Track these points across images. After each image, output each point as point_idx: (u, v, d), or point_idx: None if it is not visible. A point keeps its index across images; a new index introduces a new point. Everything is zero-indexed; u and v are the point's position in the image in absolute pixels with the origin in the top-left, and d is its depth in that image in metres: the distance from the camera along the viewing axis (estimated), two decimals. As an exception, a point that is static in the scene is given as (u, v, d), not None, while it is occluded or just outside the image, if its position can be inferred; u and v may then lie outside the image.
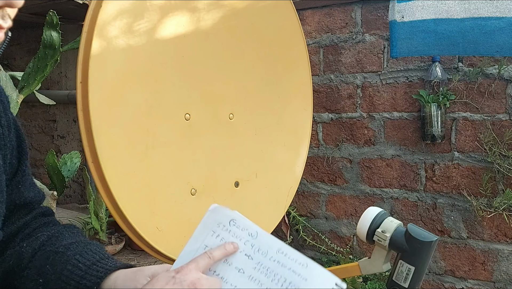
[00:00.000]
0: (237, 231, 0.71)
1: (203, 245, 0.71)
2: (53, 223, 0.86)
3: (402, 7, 1.49)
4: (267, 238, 0.71)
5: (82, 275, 0.72)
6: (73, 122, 2.63)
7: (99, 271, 0.72)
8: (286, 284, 0.66)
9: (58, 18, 1.36)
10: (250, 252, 0.70)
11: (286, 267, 0.68)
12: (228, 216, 0.73)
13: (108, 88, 1.00)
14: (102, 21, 0.98)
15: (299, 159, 1.55)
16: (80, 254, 0.74)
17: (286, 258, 0.69)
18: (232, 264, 0.69)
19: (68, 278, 0.72)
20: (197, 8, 1.20)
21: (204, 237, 0.72)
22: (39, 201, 0.86)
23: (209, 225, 0.72)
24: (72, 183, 2.61)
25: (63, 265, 0.73)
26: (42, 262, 0.75)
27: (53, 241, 0.79)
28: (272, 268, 0.68)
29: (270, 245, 0.70)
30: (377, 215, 0.93)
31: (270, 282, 0.67)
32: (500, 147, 1.62)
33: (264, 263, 0.69)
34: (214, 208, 0.74)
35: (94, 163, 0.98)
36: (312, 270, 0.67)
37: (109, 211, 1.03)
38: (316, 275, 0.67)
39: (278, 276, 0.67)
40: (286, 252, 0.69)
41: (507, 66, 1.62)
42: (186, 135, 1.18)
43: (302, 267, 0.67)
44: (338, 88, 1.94)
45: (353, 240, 1.96)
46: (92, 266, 0.73)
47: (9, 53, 2.84)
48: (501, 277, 1.68)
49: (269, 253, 0.69)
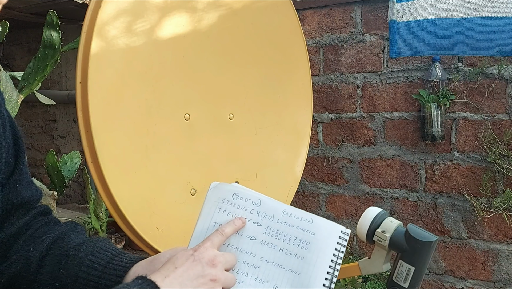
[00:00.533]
0: (242, 203, 0.75)
1: (213, 222, 0.75)
2: (54, 222, 0.86)
3: (402, 7, 1.49)
4: (271, 202, 0.76)
5: (100, 275, 0.73)
6: (73, 122, 2.63)
7: (116, 270, 0.74)
8: (298, 242, 0.72)
9: (58, 18, 1.36)
10: (257, 219, 0.74)
11: (294, 226, 0.73)
12: (230, 190, 0.77)
13: (107, 88, 1.00)
14: (102, 21, 0.98)
15: (299, 159, 1.55)
16: (92, 254, 0.75)
17: (292, 218, 0.74)
18: (244, 233, 0.74)
19: (85, 280, 0.73)
20: (197, 8, 1.20)
21: (212, 215, 0.75)
22: (37, 199, 0.85)
23: (214, 203, 0.76)
24: (72, 183, 2.61)
25: (78, 267, 0.74)
26: (54, 267, 0.75)
27: (60, 244, 0.78)
28: (281, 229, 0.73)
29: (275, 209, 0.75)
30: (377, 215, 0.93)
31: (282, 242, 0.73)
32: (500, 147, 1.62)
33: (272, 227, 0.74)
34: (215, 186, 0.78)
35: (94, 163, 0.98)
36: (318, 224, 0.74)
37: (109, 211, 1.03)
38: (322, 228, 0.73)
39: (288, 236, 0.73)
40: (291, 212, 0.74)
41: (507, 66, 1.61)
42: (186, 135, 1.18)
43: (308, 223, 0.73)
44: (338, 88, 1.94)
45: (353, 240, 1.96)
46: (108, 265, 0.74)
47: (9, 53, 2.84)
48: (501, 277, 1.68)
49: (275, 216, 0.74)
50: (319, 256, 0.72)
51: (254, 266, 0.72)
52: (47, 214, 0.87)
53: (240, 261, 0.72)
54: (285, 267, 0.72)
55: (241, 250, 0.73)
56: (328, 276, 0.71)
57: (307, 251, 0.72)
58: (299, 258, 0.72)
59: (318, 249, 0.72)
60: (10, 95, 1.34)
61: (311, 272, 0.71)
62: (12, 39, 2.69)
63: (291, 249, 0.72)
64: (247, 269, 0.72)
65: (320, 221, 0.74)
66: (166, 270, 0.66)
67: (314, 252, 0.72)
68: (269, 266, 0.72)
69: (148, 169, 1.08)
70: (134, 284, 0.63)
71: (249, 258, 0.72)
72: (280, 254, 0.72)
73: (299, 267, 0.71)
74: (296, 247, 0.72)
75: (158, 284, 0.63)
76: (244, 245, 0.73)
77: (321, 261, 0.71)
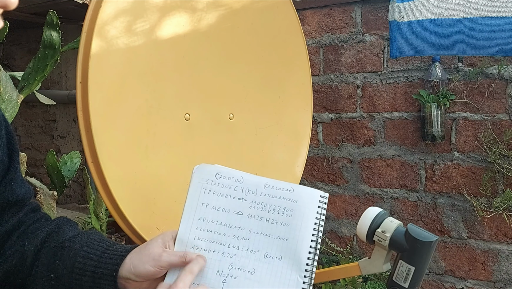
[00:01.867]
0: (225, 181, 0.80)
1: (200, 203, 0.79)
2: (45, 218, 0.87)
3: (402, 7, 1.49)
4: (253, 178, 0.81)
5: (96, 264, 0.74)
6: (73, 122, 2.63)
7: (112, 258, 0.75)
8: (282, 210, 0.78)
9: (58, 18, 1.36)
10: (242, 195, 0.79)
11: (277, 196, 0.79)
12: (213, 171, 0.81)
13: (108, 88, 1.00)
14: (102, 21, 0.98)
15: (299, 159, 1.55)
16: (87, 245, 0.77)
17: (274, 190, 0.79)
18: (230, 210, 0.78)
19: (82, 270, 0.74)
20: (197, 8, 1.20)
21: (198, 196, 0.79)
22: (29, 197, 0.86)
23: (199, 184, 0.80)
24: (72, 183, 2.61)
25: (74, 258, 0.75)
26: (50, 259, 0.76)
27: (54, 237, 0.80)
28: (266, 201, 0.79)
29: (257, 183, 0.80)
30: (377, 215, 0.93)
31: (267, 213, 0.78)
32: (500, 147, 1.62)
33: (257, 200, 0.79)
34: (197, 168, 0.81)
35: (94, 163, 0.98)
36: (299, 192, 0.79)
37: (109, 211, 1.03)
38: (303, 195, 0.79)
39: (272, 207, 0.78)
40: (272, 184, 0.80)
41: (507, 66, 1.62)
42: (186, 135, 1.18)
43: (290, 192, 0.79)
44: (338, 88, 1.94)
45: (353, 240, 1.96)
46: (103, 255, 0.75)
47: (9, 53, 2.84)
48: (501, 277, 1.68)
49: (258, 190, 0.79)
50: (303, 221, 0.77)
51: (244, 239, 0.77)
52: (38, 211, 0.89)
53: (230, 236, 0.77)
54: (273, 236, 0.77)
55: (229, 226, 0.77)
56: (313, 238, 0.77)
57: (291, 218, 0.77)
58: (285, 225, 0.77)
59: (301, 215, 0.77)
60: (10, 95, 1.34)
61: (298, 236, 0.76)
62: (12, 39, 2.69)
63: (276, 218, 0.77)
64: (238, 243, 0.77)
65: (300, 189, 0.80)
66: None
67: (298, 217, 0.77)
68: (258, 237, 0.77)
69: (148, 169, 1.08)
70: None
71: (238, 232, 0.77)
72: (267, 224, 0.77)
73: (286, 233, 0.77)
74: (281, 216, 0.77)
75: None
76: (232, 221, 0.78)
77: (305, 225, 0.77)
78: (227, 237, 0.77)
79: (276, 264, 0.75)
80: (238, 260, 0.76)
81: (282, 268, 0.75)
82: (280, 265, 0.75)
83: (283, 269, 0.75)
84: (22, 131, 2.84)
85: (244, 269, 0.75)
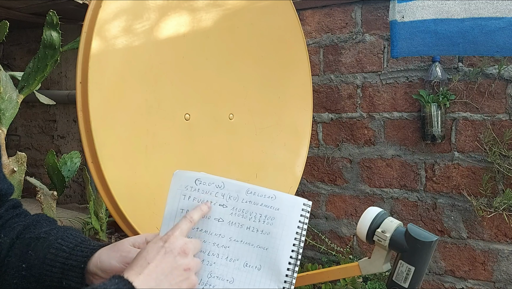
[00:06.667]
0: (205, 187, 0.78)
1: (179, 209, 0.78)
2: (24, 214, 0.88)
3: (403, 7, 1.49)
4: (234, 184, 0.79)
5: (67, 256, 0.75)
6: (73, 122, 2.63)
7: (83, 251, 0.76)
8: (263, 218, 0.76)
9: (58, 18, 1.36)
10: (223, 201, 0.78)
11: (258, 204, 0.77)
12: (192, 177, 0.80)
13: (108, 88, 1.00)
14: (102, 21, 0.98)
15: (299, 159, 1.55)
16: (62, 238, 0.78)
17: (255, 196, 0.77)
18: (211, 217, 0.77)
19: (53, 261, 0.75)
20: (197, 8, 1.20)
21: (178, 202, 0.78)
22: (11, 193, 0.87)
23: (178, 190, 0.79)
24: (72, 183, 2.61)
25: (46, 249, 0.76)
26: (23, 249, 0.77)
27: (31, 229, 0.81)
28: (247, 208, 0.77)
29: (239, 189, 0.78)
30: (377, 215, 0.93)
31: (248, 221, 0.76)
32: (500, 147, 1.61)
33: (238, 207, 0.77)
34: (176, 174, 0.80)
35: (94, 163, 0.98)
36: (281, 199, 0.77)
37: (109, 211, 1.03)
38: (285, 203, 0.76)
39: (253, 214, 0.76)
40: (254, 191, 0.77)
41: (507, 66, 1.61)
42: (186, 135, 1.18)
43: (272, 200, 0.77)
44: (338, 88, 1.94)
45: (353, 240, 1.96)
46: (76, 248, 0.76)
47: (9, 53, 2.84)
48: (501, 277, 1.68)
49: (240, 196, 0.77)
50: (284, 229, 0.75)
51: (224, 247, 0.76)
52: (19, 207, 0.89)
53: (210, 243, 0.76)
54: (253, 244, 0.75)
55: (210, 233, 0.76)
56: (294, 248, 0.75)
57: (272, 226, 0.75)
58: (266, 233, 0.75)
59: (282, 223, 0.76)
60: (10, 95, 1.34)
61: (278, 245, 0.75)
62: (12, 39, 2.69)
63: (257, 226, 0.76)
64: (217, 250, 0.76)
65: (282, 196, 0.77)
66: (139, 267, 0.67)
67: (279, 226, 0.75)
68: (238, 245, 0.76)
69: (148, 169, 1.08)
70: (111, 283, 0.63)
71: (218, 239, 0.76)
72: (247, 232, 0.76)
73: (266, 242, 0.75)
74: (262, 224, 0.76)
75: (134, 285, 0.64)
76: (213, 228, 0.77)
77: (286, 233, 0.75)
78: (207, 244, 0.76)
79: (255, 273, 0.75)
80: (217, 269, 0.75)
81: (261, 277, 0.74)
82: (259, 275, 0.74)
83: (261, 279, 0.74)
84: (22, 131, 2.84)
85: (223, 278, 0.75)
